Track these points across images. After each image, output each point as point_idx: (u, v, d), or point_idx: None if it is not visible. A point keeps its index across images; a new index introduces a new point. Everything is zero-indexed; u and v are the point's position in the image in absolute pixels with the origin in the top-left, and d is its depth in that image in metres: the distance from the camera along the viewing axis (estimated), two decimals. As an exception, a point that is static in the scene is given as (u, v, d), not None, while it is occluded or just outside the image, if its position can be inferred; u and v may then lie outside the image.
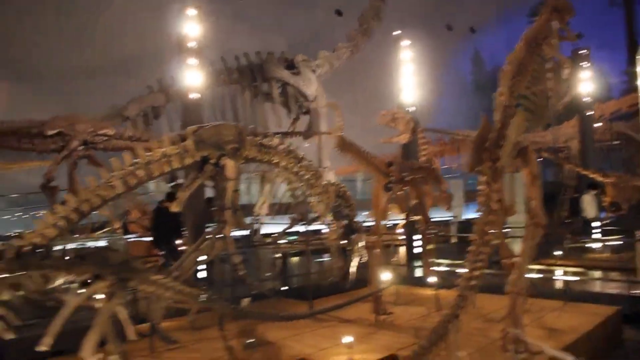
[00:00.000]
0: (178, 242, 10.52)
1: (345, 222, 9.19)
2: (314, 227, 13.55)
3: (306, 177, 8.02)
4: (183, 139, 7.08)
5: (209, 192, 21.86)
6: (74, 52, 21.65)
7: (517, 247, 7.70)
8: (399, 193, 7.64)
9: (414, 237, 12.95)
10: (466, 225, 16.96)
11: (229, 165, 7.09)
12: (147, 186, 16.92)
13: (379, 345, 6.63)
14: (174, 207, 7.03)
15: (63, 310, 3.49)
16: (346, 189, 9.03)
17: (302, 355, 6.37)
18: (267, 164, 7.77)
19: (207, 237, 7.05)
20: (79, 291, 3.46)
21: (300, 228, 17.68)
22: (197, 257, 6.88)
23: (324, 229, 13.09)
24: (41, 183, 13.31)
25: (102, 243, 14.98)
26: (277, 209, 12.68)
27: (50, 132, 13.35)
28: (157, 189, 17.69)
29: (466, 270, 5.32)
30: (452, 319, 5.01)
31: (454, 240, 17.76)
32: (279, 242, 15.21)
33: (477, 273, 5.25)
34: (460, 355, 4.64)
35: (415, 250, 12.88)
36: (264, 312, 5.57)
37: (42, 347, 3.58)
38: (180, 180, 16.86)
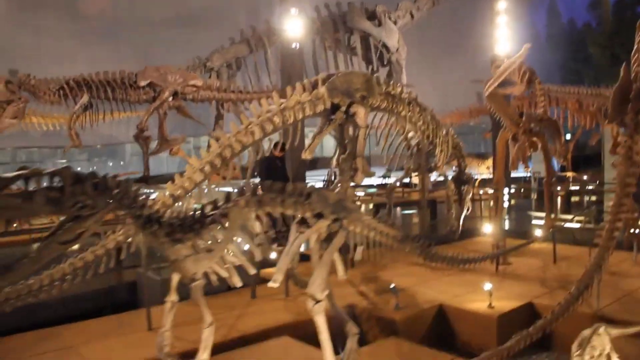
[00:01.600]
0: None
1: (454, 173, 9.04)
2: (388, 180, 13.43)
3: (430, 126, 7.83)
4: (314, 86, 6.99)
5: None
6: (152, 3, 21.67)
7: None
8: (523, 144, 7.40)
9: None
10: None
11: (360, 112, 6.95)
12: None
13: (512, 293, 6.55)
14: (307, 155, 6.98)
15: (289, 248, 3.49)
16: (459, 139, 8.82)
17: (437, 302, 6.34)
18: (390, 112, 7.59)
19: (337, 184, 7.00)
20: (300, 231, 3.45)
21: (377, 180, 17.60)
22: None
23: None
24: (135, 133, 13.51)
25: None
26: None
27: (143, 83, 13.44)
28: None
29: (608, 222, 5.14)
30: (597, 270, 4.90)
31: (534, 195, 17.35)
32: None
33: (619, 225, 5.08)
34: None
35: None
36: (452, 256, 5.55)
37: (273, 284, 3.61)
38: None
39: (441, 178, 10.05)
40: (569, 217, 9.49)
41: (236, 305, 6.41)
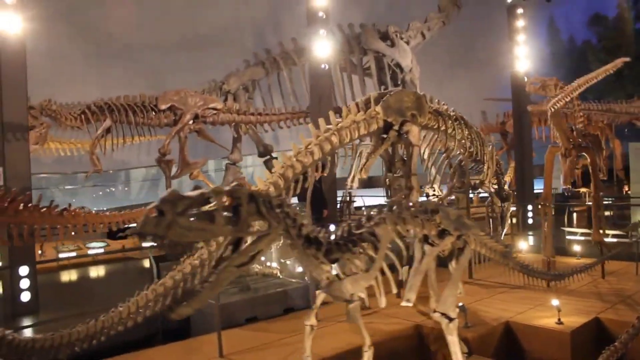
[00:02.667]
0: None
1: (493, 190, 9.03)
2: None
3: (475, 143, 7.86)
4: (367, 105, 7.01)
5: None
6: (160, 26, 21.76)
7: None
8: (574, 159, 7.45)
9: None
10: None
11: (414, 131, 6.97)
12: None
13: (574, 309, 6.50)
14: (363, 174, 6.99)
15: (418, 266, 3.44)
16: (498, 156, 8.83)
17: (504, 319, 6.28)
18: (437, 130, 7.61)
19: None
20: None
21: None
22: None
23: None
24: (157, 157, 13.46)
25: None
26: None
27: (164, 107, 13.43)
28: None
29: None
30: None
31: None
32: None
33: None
34: None
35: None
36: (547, 271, 5.58)
37: (407, 304, 3.56)
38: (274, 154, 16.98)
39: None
40: (614, 232, 9.51)
41: (300, 328, 6.30)
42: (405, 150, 7.17)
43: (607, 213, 12.51)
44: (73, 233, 5.18)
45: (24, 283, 7.14)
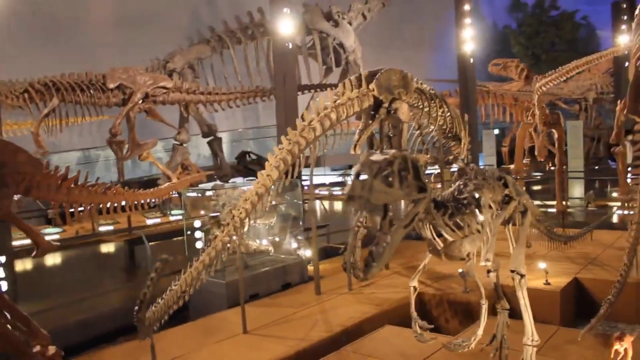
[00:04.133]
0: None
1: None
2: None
3: (454, 120, 8.26)
4: (359, 83, 7.18)
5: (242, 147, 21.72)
6: (90, 4, 20.85)
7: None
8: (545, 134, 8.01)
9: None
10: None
11: (403, 108, 7.24)
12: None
13: (554, 271, 7.00)
14: (357, 150, 7.17)
15: (491, 231, 3.67)
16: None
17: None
18: (417, 108, 7.91)
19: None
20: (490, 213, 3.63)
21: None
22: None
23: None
24: (107, 138, 13.02)
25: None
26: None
27: (112, 85, 12.98)
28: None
29: None
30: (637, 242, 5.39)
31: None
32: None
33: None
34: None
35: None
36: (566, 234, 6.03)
37: (484, 263, 3.76)
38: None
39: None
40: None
41: (308, 302, 6.46)
42: (393, 127, 7.44)
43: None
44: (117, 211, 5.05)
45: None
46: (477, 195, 3.58)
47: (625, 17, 19.31)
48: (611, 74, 21.73)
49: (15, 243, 8.74)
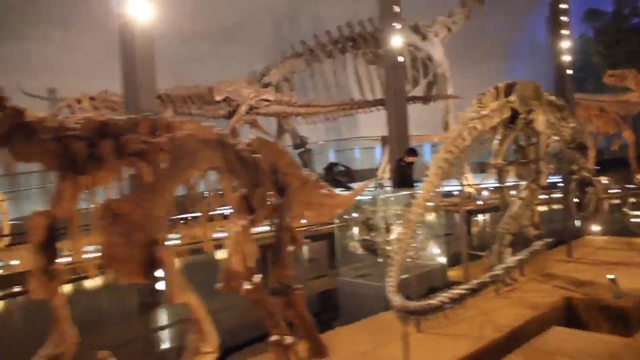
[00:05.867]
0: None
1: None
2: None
3: (581, 130, 8.42)
4: (497, 94, 7.46)
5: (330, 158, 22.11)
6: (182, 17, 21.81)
7: None
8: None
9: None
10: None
11: (540, 119, 7.46)
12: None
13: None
14: (498, 161, 7.42)
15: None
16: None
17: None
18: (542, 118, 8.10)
19: (525, 187, 7.42)
20: None
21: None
22: (524, 204, 7.27)
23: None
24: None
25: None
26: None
27: (219, 98, 13.63)
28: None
29: None
30: None
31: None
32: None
33: None
34: None
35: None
36: None
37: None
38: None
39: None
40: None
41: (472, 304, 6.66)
42: (527, 137, 7.66)
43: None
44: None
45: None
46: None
47: None
48: None
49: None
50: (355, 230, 7.48)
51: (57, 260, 2.12)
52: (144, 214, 1.89)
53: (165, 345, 7.50)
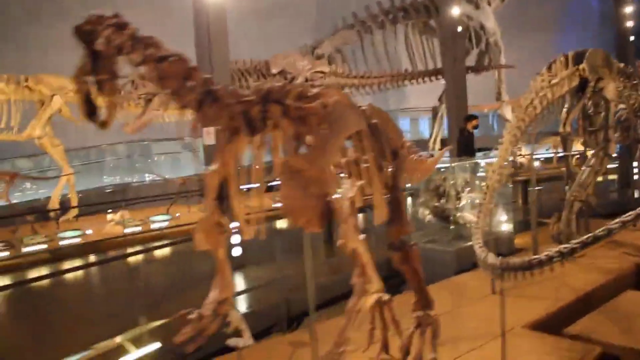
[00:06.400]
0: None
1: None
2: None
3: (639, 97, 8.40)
4: (566, 62, 7.49)
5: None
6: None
7: None
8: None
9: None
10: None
11: (611, 87, 7.48)
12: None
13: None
14: (565, 128, 7.51)
15: None
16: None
17: None
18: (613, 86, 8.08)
19: (593, 155, 7.48)
20: None
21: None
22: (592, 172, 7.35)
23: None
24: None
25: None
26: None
27: (275, 71, 13.86)
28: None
29: None
30: None
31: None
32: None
33: None
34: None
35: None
36: None
37: None
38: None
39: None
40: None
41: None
42: (595, 105, 7.68)
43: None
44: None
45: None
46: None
47: None
48: None
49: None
50: (425, 197, 7.69)
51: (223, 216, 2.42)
52: (318, 170, 2.14)
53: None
